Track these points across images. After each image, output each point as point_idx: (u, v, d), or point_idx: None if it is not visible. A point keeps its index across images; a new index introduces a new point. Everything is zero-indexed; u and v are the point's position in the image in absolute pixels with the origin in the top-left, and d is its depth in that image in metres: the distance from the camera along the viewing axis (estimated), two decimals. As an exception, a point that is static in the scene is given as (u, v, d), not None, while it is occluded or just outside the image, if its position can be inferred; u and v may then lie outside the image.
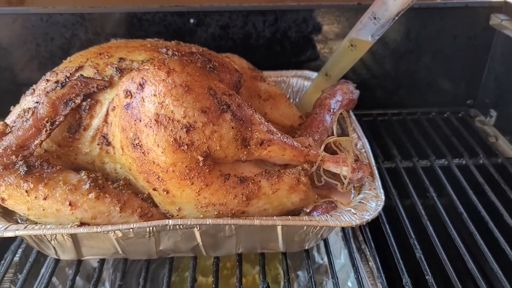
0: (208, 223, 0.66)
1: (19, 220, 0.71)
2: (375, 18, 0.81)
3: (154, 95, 0.62)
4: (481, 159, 1.00)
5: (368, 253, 0.81)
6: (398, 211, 0.86)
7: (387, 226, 0.83)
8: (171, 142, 0.62)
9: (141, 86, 0.63)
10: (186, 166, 0.63)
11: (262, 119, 0.69)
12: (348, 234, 0.87)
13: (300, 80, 1.05)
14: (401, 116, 1.16)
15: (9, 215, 0.71)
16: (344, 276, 0.92)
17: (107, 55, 0.73)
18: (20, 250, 0.89)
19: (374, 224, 0.80)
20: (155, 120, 0.62)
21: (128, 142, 0.65)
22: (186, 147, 0.62)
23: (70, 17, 1.02)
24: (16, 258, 0.87)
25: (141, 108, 0.63)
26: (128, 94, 0.64)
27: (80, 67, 0.72)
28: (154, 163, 0.63)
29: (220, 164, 0.67)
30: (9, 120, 0.73)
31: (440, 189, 0.92)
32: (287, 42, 1.09)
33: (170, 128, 0.62)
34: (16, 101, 1.08)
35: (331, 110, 0.85)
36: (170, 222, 0.66)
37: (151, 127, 0.62)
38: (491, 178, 0.95)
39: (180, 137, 0.62)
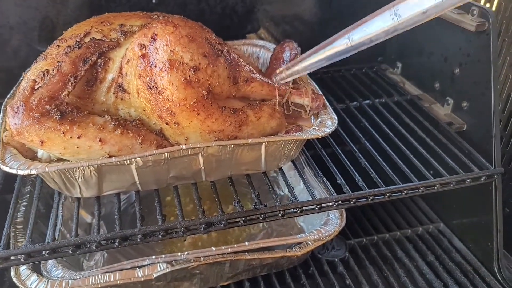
0: (213, 145, 0.85)
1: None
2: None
3: (166, 44, 0.79)
4: (395, 97, 1.29)
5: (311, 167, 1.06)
6: (342, 136, 1.11)
7: (337, 147, 1.07)
8: (183, 81, 0.80)
9: (153, 39, 0.80)
10: (194, 100, 0.81)
11: (244, 63, 0.89)
12: (300, 164, 1.11)
13: (250, 47, 1.24)
14: (330, 73, 1.43)
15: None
16: (306, 197, 1.15)
17: (108, 23, 0.88)
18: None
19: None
20: (168, 64, 0.79)
21: (145, 86, 0.81)
22: (194, 84, 0.80)
23: (43, 0, 1.13)
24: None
25: (156, 56, 0.80)
26: (142, 46, 0.81)
27: (87, 33, 0.87)
28: (168, 100, 0.80)
29: (217, 99, 0.86)
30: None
31: (370, 120, 1.19)
32: (235, 16, 1.30)
33: (181, 70, 0.79)
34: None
35: (285, 62, 1.07)
36: (183, 147, 0.83)
37: (165, 70, 0.79)
38: (404, 109, 1.24)
39: (189, 76, 0.80)
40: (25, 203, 1.02)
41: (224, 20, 1.30)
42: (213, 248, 0.95)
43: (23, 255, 0.76)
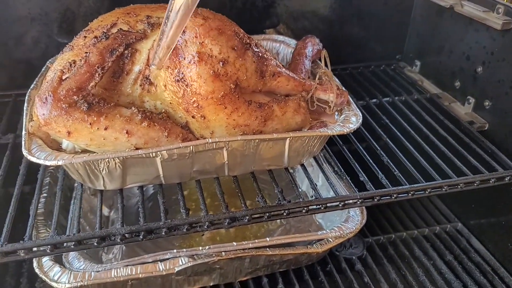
0: (238, 139, 0.84)
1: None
2: None
3: (195, 36, 0.79)
4: (415, 95, 1.29)
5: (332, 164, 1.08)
6: (363, 133, 1.10)
7: (358, 144, 1.07)
8: (211, 73, 0.79)
9: (183, 31, 0.79)
10: (222, 93, 0.80)
11: (271, 57, 0.89)
12: (320, 160, 1.10)
13: (270, 42, 1.23)
14: (348, 70, 1.42)
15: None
16: (325, 193, 1.15)
17: (135, 14, 0.88)
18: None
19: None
20: (197, 57, 0.78)
21: (172, 78, 0.81)
22: (222, 77, 0.80)
23: (65, -8, 1.13)
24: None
25: (185, 49, 0.79)
26: (171, 38, 0.80)
27: (114, 24, 0.86)
28: (196, 92, 0.80)
29: (243, 93, 0.85)
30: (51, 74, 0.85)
31: (391, 118, 1.18)
32: (255, 10, 1.29)
33: (210, 63, 0.79)
34: (10, 75, 1.16)
35: (308, 57, 1.07)
36: (209, 140, 0.83)
37: (194, 63, 0.79)
38: (424, 107, 1.23)
39: (218, 69, 0.79)
40: (44, 194, 1.02)
41: (244, 15, 1.29)
42: (235, 243, 0.94)
43: (48, 246, 0.76)
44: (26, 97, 0.91)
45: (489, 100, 1.13)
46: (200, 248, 0.93)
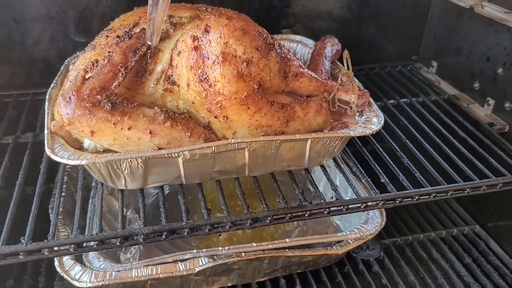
0: (261, 139, 0.84)
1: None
2: None
3: (220, 37, 0.78)
4: (433, 96, 1.28)
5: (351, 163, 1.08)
6: (382, 134, 1.10)
7: (377, 145, 1.06)
8: (235, 74, 0.79)
9: (207, 31, 0.79)
10: (245, 93, 0.80)
11: (294, 57, 0.88)
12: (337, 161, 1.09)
13: (287, 42, 1.23)
14: (364, 71, 1.41)
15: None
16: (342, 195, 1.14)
17: (157, 14, 0.87)
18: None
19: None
20: (221, 57, 0.78)
21: (196, 78, 0.80)
22: (246, 77, 0.79)
23: (84, -9, 1.13)
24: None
25: (209, 48, 0.79)
26: (195, 38, 0.80)
27: (136, 23, 0.86)
28: (219, 93, 0.79)
29: (266, 94, 0.84)
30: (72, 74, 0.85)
31: (409, 118, 1.17)
32: (272, 10, 1.29)
33: (233, 63, 0.78)
34: (27, 74, 1.17)
35: (327, 58, 1.06)
36: (232, 140, 0.83)
37: (218, 63, 0.78)
38: (443, 108, 1.22)
39: (241, 69, 0.79)
40: (62, 193, 1.02)
41: (261, 14, 1.29)
42: (254, 244, 0.94)
43: (72, 245, 0.76)
44: (47, 96, 0.91)
45: (510, 101, 1.12)
46: (220, 248, 0.93)
